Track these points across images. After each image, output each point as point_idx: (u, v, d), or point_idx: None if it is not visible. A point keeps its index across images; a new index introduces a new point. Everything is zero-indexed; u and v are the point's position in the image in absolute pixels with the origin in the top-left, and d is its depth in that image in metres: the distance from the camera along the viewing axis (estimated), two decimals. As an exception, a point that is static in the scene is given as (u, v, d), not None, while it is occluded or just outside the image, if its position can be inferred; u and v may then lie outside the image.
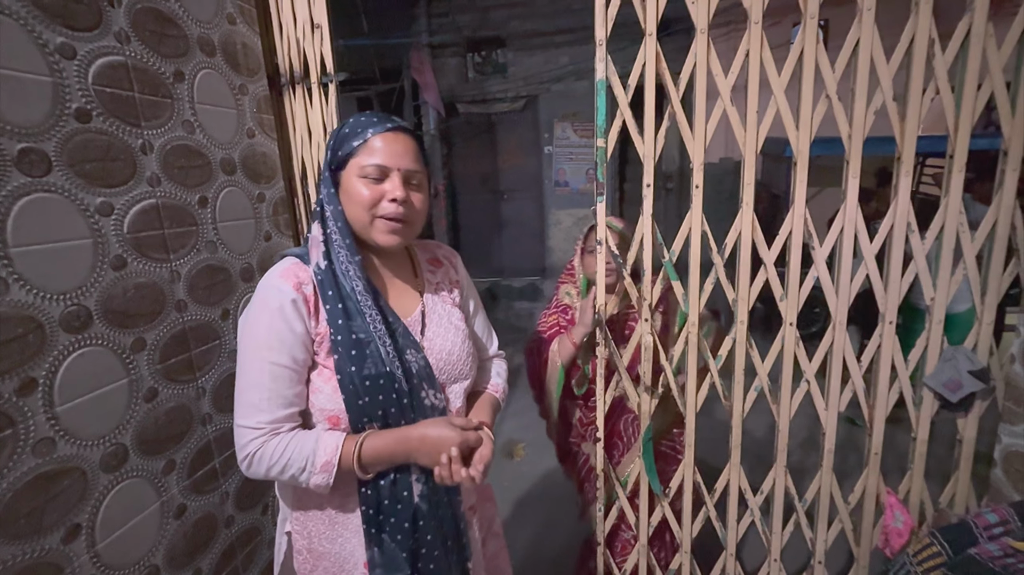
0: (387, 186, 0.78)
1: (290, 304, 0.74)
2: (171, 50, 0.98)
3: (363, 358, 0.76)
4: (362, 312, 0.78)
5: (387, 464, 0.78)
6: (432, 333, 0.87)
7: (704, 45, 1.08)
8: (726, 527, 1.35)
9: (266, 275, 0.78)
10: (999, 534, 0.78)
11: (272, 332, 0.73)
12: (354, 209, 0.78)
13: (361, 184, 0.77)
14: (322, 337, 0.77)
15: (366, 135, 0.78)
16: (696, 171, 1.14)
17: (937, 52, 1.02)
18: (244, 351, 0.75)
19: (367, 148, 0.78)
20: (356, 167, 0.77)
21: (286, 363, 0.74)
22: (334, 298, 0.77)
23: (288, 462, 0.73)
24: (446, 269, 0.97)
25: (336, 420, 0.77)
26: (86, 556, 0.81)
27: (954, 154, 1.06)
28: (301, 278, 0.77)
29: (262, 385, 0.73)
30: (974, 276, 1.11)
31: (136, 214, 0.90)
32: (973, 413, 1.16)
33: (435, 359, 0.85)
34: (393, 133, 0.79)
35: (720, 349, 1.24)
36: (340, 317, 0.76)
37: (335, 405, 0.76)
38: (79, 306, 0.80)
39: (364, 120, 0.80)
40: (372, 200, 0.77)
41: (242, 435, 0.74)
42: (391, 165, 0.78)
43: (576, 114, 4.84)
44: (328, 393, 0.76)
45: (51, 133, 0.77)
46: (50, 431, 0.76)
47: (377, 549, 0.80)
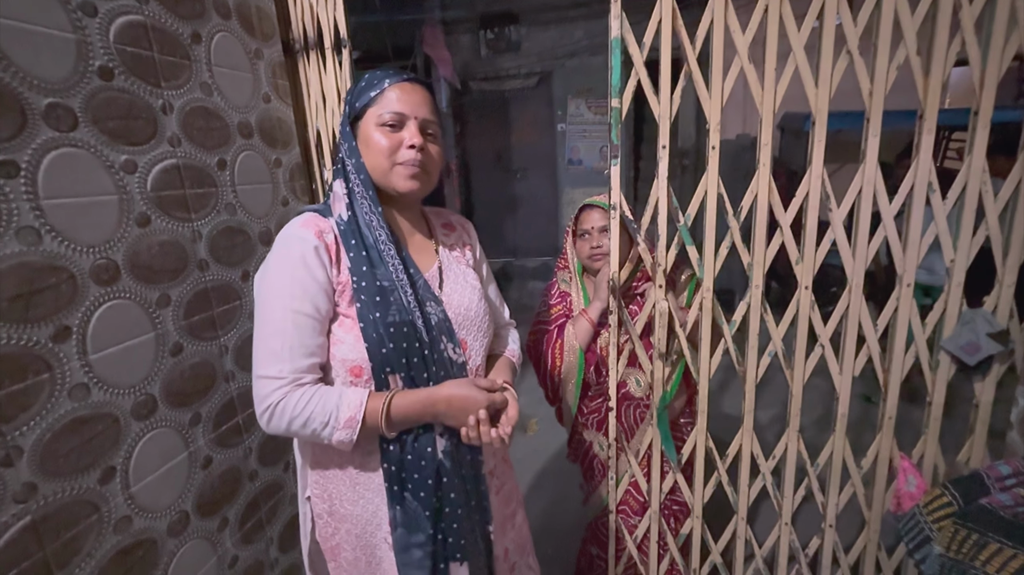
0: (404, 134, 0.79)
1: (312, 251, 0.74)
2: (188, 11, 0.99)
3: (387, 305, 0.76)
4: (384, 261, 0.78)
5: (414, 423, 0.78)
6: (450, 288, 0.88)
7: (722, 1, 1.06)
8: (737, 492, 1.36)
9: (285, 227, 0.78)
10: (1012, 485, 0.78)
11: (295, 280, 0.73)
12: (374, 157, 0.79)
13: (379, 132, 0.78)
14: (343, 286, 0.77)
15: (383, 85, 0.79)
16: (713, 132, 1.13)
17: (964, 4, 0.99)
18: (265, 301, 0.75)
19: (384, 98, 0.79)
20: (374, 116, 0.78)
21: (309, 311, 0.74)
22: (357, 246, 0.77)
23: (311, 416, 0.72)
24: (459, 233, 0.98)
25: (359, 371, 0.77)
26: (121, 497, 0.85)
27: (979, 111, 1.03)
28: (322, 227, 0.77)
29: (285, 333, 0.73)
30: (996, 236, 1.08)
31: (158, 173, 0.93)
32: (990, 376, 1.14)
33: (453, 313, 0.85)
34: (410, 83, 0.80)
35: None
36: (364, 264, 0.77)
37: (357, 354, 0.76)
38: (108, 259, 0.83)
39: (380, 73, 0.81)
40: (391, 147, 0.78)
41: (263, 386, 0.73)
42: (408, 113, 0.79)
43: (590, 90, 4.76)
44: (350, 343, 0.76)
45: (76, 89, 0.79)
46: (84, 378, 0.80)
47: (399, 507, 0.80)
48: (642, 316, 1.29)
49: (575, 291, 1.43)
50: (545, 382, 1.42)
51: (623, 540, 1.48)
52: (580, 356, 1.35)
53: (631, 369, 1.37)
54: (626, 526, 1.49)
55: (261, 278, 0.76)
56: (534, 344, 1.42)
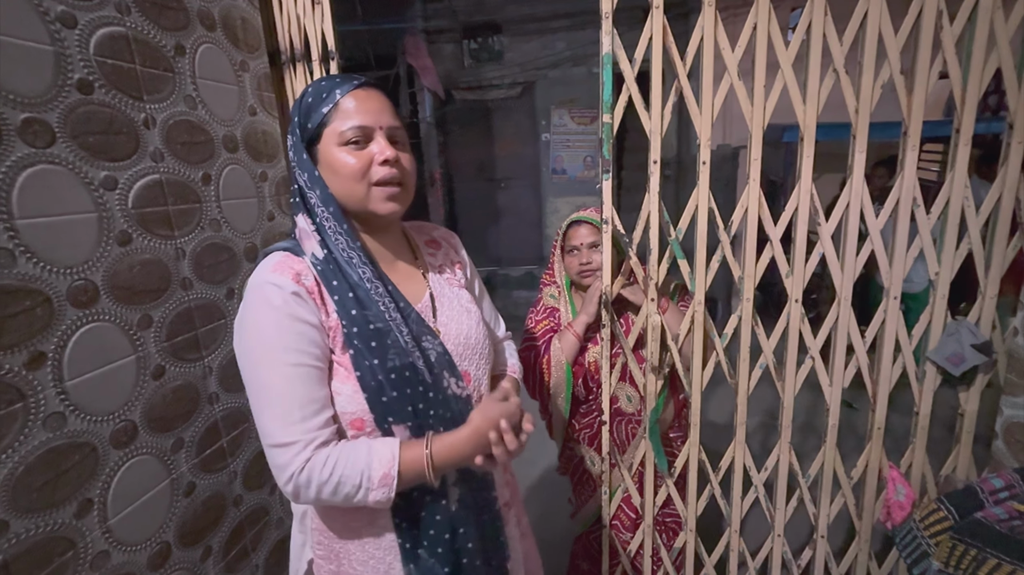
0: (373, 148, 0.70)
1: (292, 296, 0.66)
2: (171, 23, 0.96)
3: (384, 349, 0.69)
4: (374, 300, 0.70)
5: (457, 465, 0.72)
6: (445, 317, 0.80)
7: (711, 18, 1.07)
8: (730, 505, 1.36)
9: (255, 274, 0.69)
10: (1004, 498, 0.79)
11: (283, 331, 0.65)
12: (343, 183, 0.70)
13: (344, 153, 0.69)
14: (334, 331, 0.69)
15: (335, 97, 0.69)
16: (703, 147, 1.14)
17: (945, 24, 1.02)
18: (254, 363, 0.66)
19: (340, 111, 0.69)
20: (333, 136, 0.69)
21: (309, 361, 0.66)
22: (341, 287, 0.69)
23: (341, 479, 0.65)
24: (446, 250, 0.91)
25: (360, 423, 0.69)
26: (98, 531, 0.81)
27: (960, 128, 1.06)
28: (297, 269, 0.68)
29: (289, 393, 0.65)
30: (978, 250, 1.11)
31: (140, 189, 0.89)
32: (975, 386, 1.17)
33: (452, 345, 0.78)
34: (364, 90, 0.71)
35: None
36: (353, 307, 0.69)
37: (356, 406, 0.69)
38: (86, 280, 0.79)
39: (326, 83, 0.71)
40: (362, 168, 0.69)
41: (279, 455, 0.64)
42: (372, 124, 0.70)
43: (573, 100, 4.80)
44: (348, 394, 0.69)
45: (54, 103, 0.76)
46: (60, 406, 0.75)
47: (413, 565, 0.74)
48: (634, 330, 1.29)
49: (563, 305, 1.42)
50: (536, 396, 1.41)
51: (616, 555, 1.47)
52: (567, 370, 1.34)
53: (622, 384, 1.37)
54: (619, 541, 1.48)
55: (241, 337, 0.67)
56: (523, 360, 1.40)
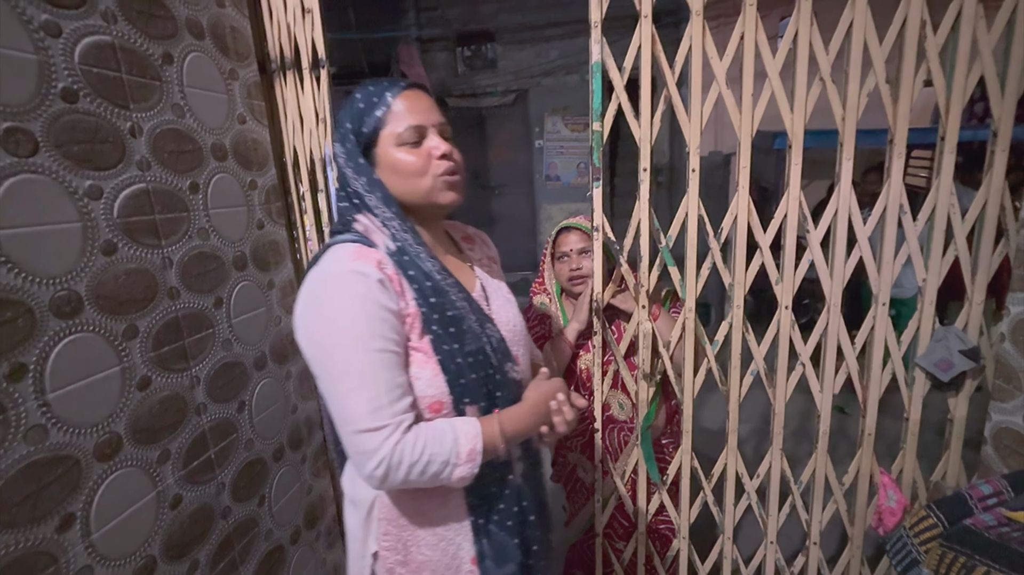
0: (428, 145, 0.74)
1: (377, 284, 0.68)
2: (159, 31, 0.96)
3: (462, 334, 0.73)
4: (445, 290, 0.74)
5: (524, 436, 0.77)
6: (496, 306, 0.85)
7: (699, 27, 1.08)
8: (723, 512, 1.36)
9: (328, 264, 0.70)
10: (993, 505, 0.79)
11: (369, 318, 0.66)
12: (407, 181, 0.74)
13: (403, 153, 0.73)
14: (412, 318, 0.71)
15: (387, 101, 0.73)
16: (693, 155, 1.14)
17: (929, 34, 1.03)
18: (338, 349, 0.67)
19: (394, 114, 0.73)
20: (391, 137, 0.73)
21: (392, 347, 0.68)
22: (419, 276, 0.72)
23: (430, 458, 0.67)
24: (480, 246, 0.96)
25: (439, 406, 0.72)
26: (81, 546, 0.79)
27: (945, 136, 1.07)
28: (378, 257, 0.71)
29: (375, 379, 0.66)
30: (965, 257, 1.12)
31: (126, 198, 0.88)
32: (963, 392, 1.18)
33: (505, 331, 0.82)
34: (412, 91, 0.76)
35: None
36: (431, 294, 0.72)
37: (436, 389, 0.72)
38: (69, 291, 0.78)
39: (375, 89, 0.75)
40: (423, 164, 0.73)
41: (368, 440, 0.66)
42: (425, 122, 0.74)
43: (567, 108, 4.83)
44: (427, 378, 0.71)
45: (37, 112, 0.75)
46: (42, 418, 0.74)
47: (486, 540, 0.78)
48: (626, 337, 1.29)
49: (555, 313, 1.42)
50: None
51: (610, 563, 1.46)
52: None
53: (614, 392, 1.37)
54: (612, 549, 1.47)
55: (318, 327, 0.69)
56: None
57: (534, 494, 0.84)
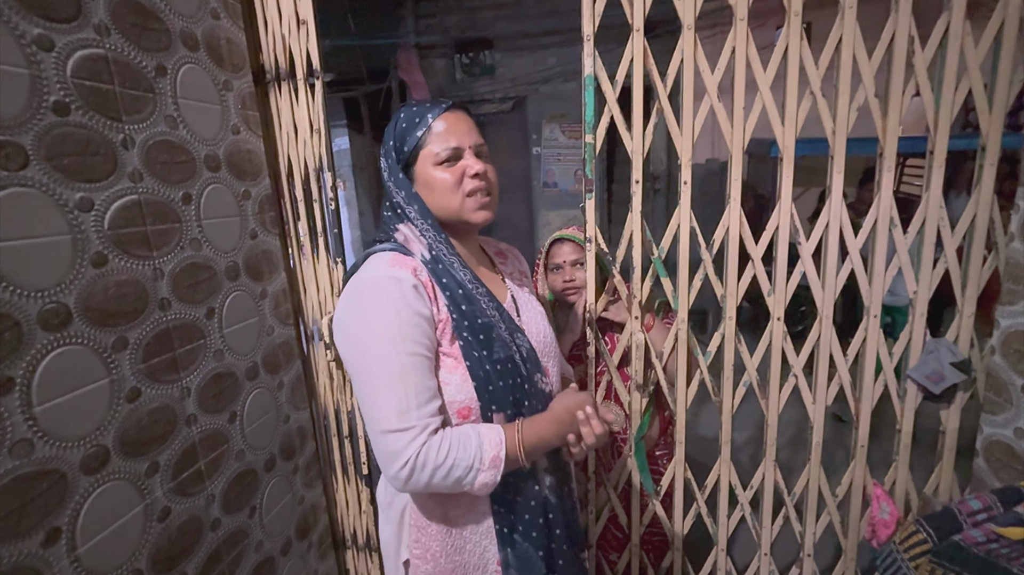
0: (463, 164, 0.78)
1: (412, 290, 0.72)
2: (153, 44, 0.96)
3: (491, 342, 0.76)
4: (477, 298, 0.77)
5: (545, 448, 0.78)
6: (527, 317, 0.88)
7: (691, 41, 1.09)
8: (716, 523, 1.36)
9: (368, 270, 0.75)
10: (982, 520, 0.79)
11: (403, 321, 0.70)
12: (441, 197, 0.78)
13: (440, 171, 0.77)
14: (444, 323, 0.75)
15: (427, 122, 0.78)
16: (684, 167, 1.15)
17: (917, 50, 1.04)
18: (370, 349, 0.70)
19: (433, 134, 0.77)
20: (429, 156, 0.77)
21: (423, 351, 0.71)
22: (451, 284, 0.76)
23: (454, 462, 0.69)
24: (512, 261, 1.01)
25: (467, 411, 0.75)
26: (66, 561, 0.78)
27: (934, 150, 1.08)
28: (413, 265, 0.75)
29: (405, 380, 0.69)
30: (955, 269, 1.13)
31: (117, 210, 0.88)
32: (955, 404, 1.18)
33: (535, 342, 0.85)
34: (453, 112, 0.80)
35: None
36: (463, 302, 0.76)
37: (465, 395, 0.74)
38: (58, 303, 0.78)
39: (417, 109, 0.80)
40: (456, 182, 0.77)
41: (394, 441, 0.68)
42: (462, 144, 0.78)
43: (564, 115, 4.85)
44: (456, 383, 0.74)
45: (28, 126, 0.75)
46: (28, 432, 0.74)
47: (510, 550, 0.80)
48: (619, 348, 1.29)
49: None
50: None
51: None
52: None
53: (607, 402, 1.37)
54: (606, 561, 1.46)
55: (355, 329, 0.72)
56: None
57: (562, 509, 0.85)
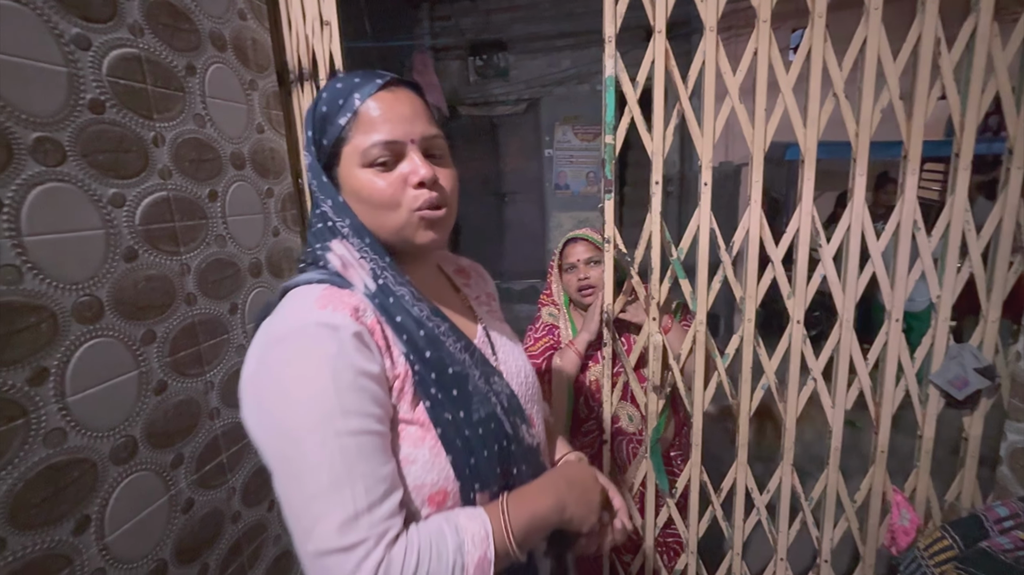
0: (405, 167, 0.57)
1: (353, 340, 0.51)
2: (183, 44, 0.98)
3: (467, 398, 0.57)
4: (442, 340, 0.58)
5: (541, 533, 0.58)
6: (503, 354, 0.69)
7: (713, 43, 1.09)
8: (732, 527, 1.35)
9: (288, 315, 0.53)
10: (1009, 527, 0.78)
11: (341, 389, 0.49)
12: (374, 213, 0.57)
13: (370, 176, 0.56)
14: (402, 380, 0.55)
15: (353, 105, 0.56)
16: (704, 169, 1.15)
17: (943, 52, 1.03)
18: (297, 436, 0.49)
19: (361, 123, 0.56)
20: (355, 155, 0.56)
21: (373, 426, 0.51)
22: (408, 324, 0.56)
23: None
24: (476, 280, 0.81)
25: (442, 497, 0.55)
26: (95, 548, 0.80)
27: (960, 153, 1.07)
28: (353, 303, 0.54)
29: (351, 474, 0.48)
30: (979, 274, 1.11)
31: (148, 206, 0.90)
32: (979, 410, 1.16)
33: (516, 386, 0.67)
34: (390, 91, 0.57)
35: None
36: (426, 347, 0.56)
37: (438, 474, 0.54)
38: (91, 296, 0.80)
39: (342, 86, 0.57)
40: (393, 193, 0.56)
41: (337, 567, 0.46)
42: (402, 137, 0.56)
43: (577, 117, 4.86)
44: (425, 460, 0.54)
45: (66, 123, 0.77)
46: (61, 421, 0.76)
47: None
48: (635, 349, 1.29)
49: (563, 323, 1.42)
50: None
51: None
52: (569, 388, 1.34)
53: (623, 403, 1.36)
54: (620, 562, 1.46)
55: (273, 401, 0.50)
56: None
57: None
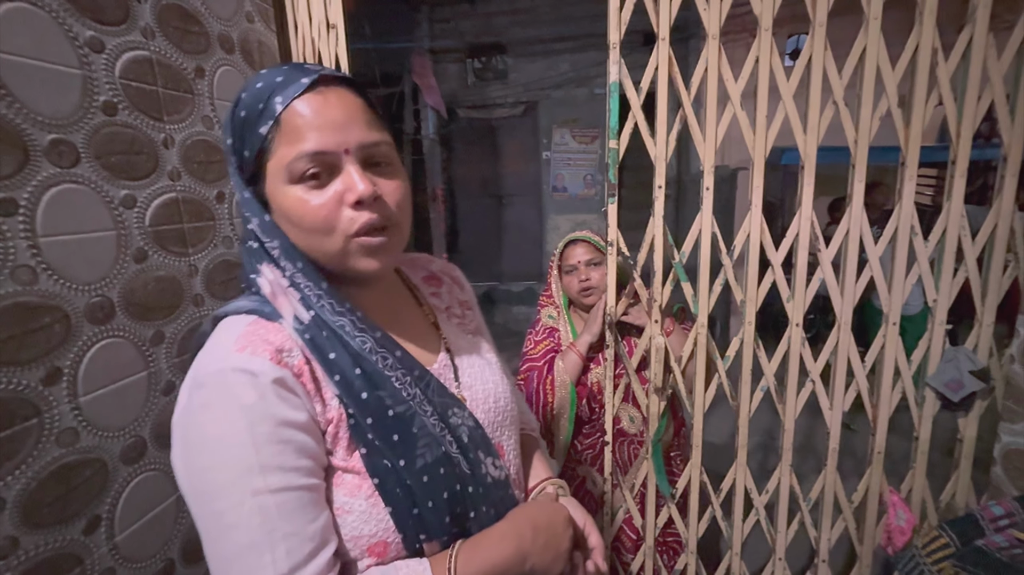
0: (339, 184, 0.49)
1: (273, 387, 0.46)
2: (193, 46, 0.99)
3: (410, 443, 0.51)
4: (386, 376, 0.52)
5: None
6: (468, 378, 0.62)
7: (715, 51, 1.11)
8: (731, 527, 1.36)
9: (211, 353, 0.48)
10: (1005, 526, 0.80)
11: (260, 443, 0.45)
12: (306, 237, 0.50)
13: (299, 194, 0.49)
14: (335, 424, 0.50)
15: (274, 109, 0.48)
16: (707, 174, 1.17)
17: (940, 61, 1.05)
18: (214, 496, 0.45)
19: (284, 131, 0.48)
20: (279, 169, 0.49)
21: (298, 482, 0.46)
22: (343, 360, 0.50)
23: None
24: (449, 287, 0.73)
25: (382, 549, 0.50)
26: (105, 548, 0.81)
27: (956, 160, 1.09)
28: (276, 342, 0.48)
29: (268, 537, 0.44)
30: (975, 279, 1.14)
31: (157, 207, 0.91)
32: (973, 412, 1.18)
33: (482, 414, 0.61)
34: (322, 92, 0.49)
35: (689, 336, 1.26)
36: (363, 388, 0.50)
37: (376, 526, 0.50)
38: (103, 297, 0.81)
39: (263, 85, 0.49)
40: (327, 216, 0.49)
41: None
42: (334, 147, 0.48)
43: (575, 120, 4.89)
44: (362, 510, 0.50)
45: (79, 125, 0.78)
46: (73, 421, 0.76)
47: None
48: (637, 351, 1.31)
49: (563, 326, 1.43)
50: (538, 417, 1.41)
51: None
52: (571, 390, 1.35)
53: (625, 405, 1.38)
54: (620, 563, 1.47)
55: (190, 456, 0.47)
56: (525, 382, 1.40)
57: None
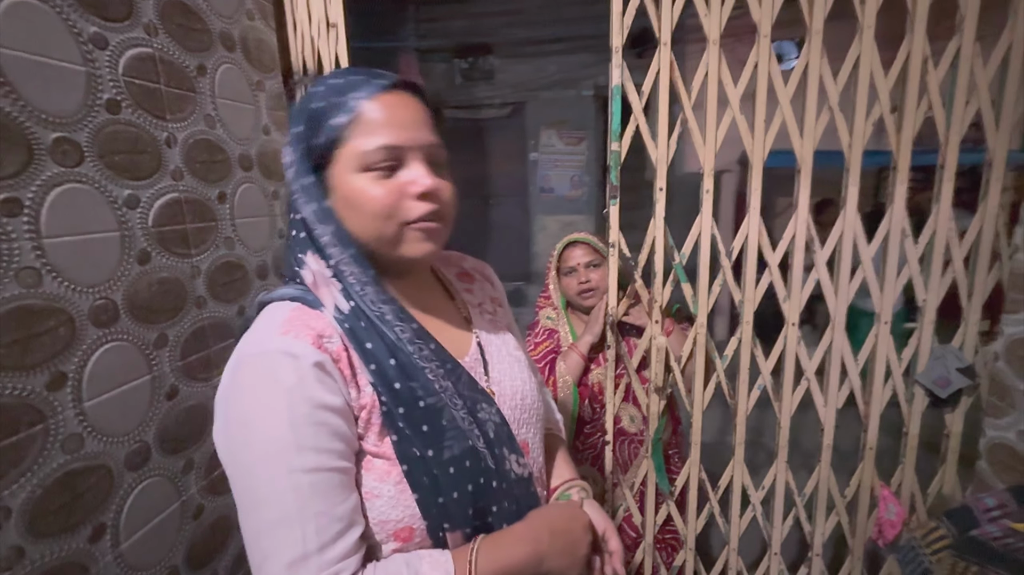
0: (405, 176, 0.54)
1: (313, 371, 0.49)
2: (195, 44, 0.97)
3: (439, 434, 0.53)
4: (420, 368, 0.54)
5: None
6: (498, 373, 0.64)
7: (716, 55, 1.13)
8: (729, 523, 1.39)
9: (257, 334, 0.52)
10: (998, 517, 0.84)
11: (297, 424, 0.47)
12: (365, 222, 0.54)
13: (367, 182, 0.53)
14: (368, 411, 0.52)
15: (356, 106, 0.53)
16: (706, 176, 1.19)
17: (930, 69, 1.09)
18: (252, 468, 0.48)
19: (362, 124, 0.52)
20: (352, 158, 0.53)
21: (332, 463, 0.49)
22: (379, 351, 0.53)
23: None
24: (481, 284, 0.75)
25: (407, 534, 0.53)
26: (110, 556, 0.79)
27: (944, 164, 1.13)
28: (318, 328, 0.51)
29: (302, 513, 0.46)
30: (961, 279, 1.18)
31: (160, 208, 0.89)
32: (959, 408, 1.23)
33: (509, 409, 0.62)
34: (396, 95, 0.54)
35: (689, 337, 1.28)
36: (397, 378, 0.52)
37: (403, 512, 0.52)
38: (107, 300, 0.79)
39: (343, 82, 0.54)
40: (392, 202, 0.53)
41: None
42: (406, 143, 0.53)
43: (563, 122, 4.91)
44: (390, 496, 0.52)
45: (83, 123, 0.76)
46: (78, 427, 0.74)
47: None
48: (637, 351, 1.32)
49: (562, 327, 1.44)
50: None
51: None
52: (574, 390, 1.36)
53: (625, 404, 1.39)
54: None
55: (231, 430, 0.50)
56: None
57: None
